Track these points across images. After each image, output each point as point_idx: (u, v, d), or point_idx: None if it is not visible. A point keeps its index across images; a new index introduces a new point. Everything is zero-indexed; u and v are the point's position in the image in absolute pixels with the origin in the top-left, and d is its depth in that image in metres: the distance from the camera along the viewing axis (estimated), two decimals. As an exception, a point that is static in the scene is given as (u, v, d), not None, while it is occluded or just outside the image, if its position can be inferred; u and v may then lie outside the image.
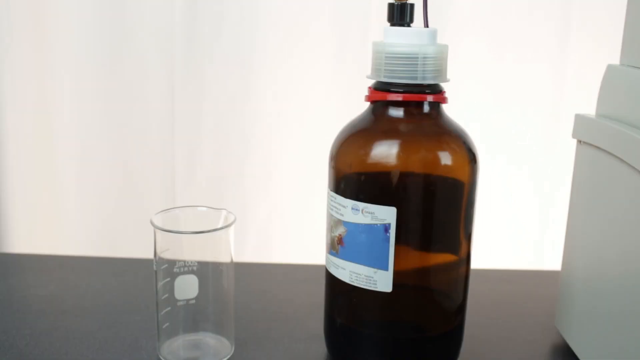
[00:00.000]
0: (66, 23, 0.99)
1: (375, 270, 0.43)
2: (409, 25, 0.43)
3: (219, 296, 0.48)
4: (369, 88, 0.44)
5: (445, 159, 0.44)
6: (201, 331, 0.49)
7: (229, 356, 0.49)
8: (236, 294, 0.49)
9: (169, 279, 0.46)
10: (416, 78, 0.42)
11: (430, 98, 0.43)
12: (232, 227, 0.46)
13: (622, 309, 0.42)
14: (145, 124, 1.03)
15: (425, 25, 0.43)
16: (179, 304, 0.46)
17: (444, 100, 0.44)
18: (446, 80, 0.44)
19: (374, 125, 0.45)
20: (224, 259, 0.47)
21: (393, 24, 0.43)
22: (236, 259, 0.48)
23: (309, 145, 1.00)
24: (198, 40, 1.00)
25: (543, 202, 1.05)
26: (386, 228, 0.42)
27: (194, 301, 0.47)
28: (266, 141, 1.04)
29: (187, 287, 0.46)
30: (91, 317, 0.55)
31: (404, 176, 0.43)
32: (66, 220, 1.08)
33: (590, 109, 0.48)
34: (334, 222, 0.45)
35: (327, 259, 0.47)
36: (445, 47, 0.43)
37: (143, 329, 0.52)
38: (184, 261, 0.46)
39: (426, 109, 0.44)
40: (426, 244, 0.45)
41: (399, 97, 0.43)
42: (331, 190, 0.45)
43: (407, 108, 0.44)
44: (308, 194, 1.00)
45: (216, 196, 1.06)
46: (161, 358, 0.48)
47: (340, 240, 0.44)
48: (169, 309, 0.47)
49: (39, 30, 0.99)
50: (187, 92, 1.02)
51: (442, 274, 0.46)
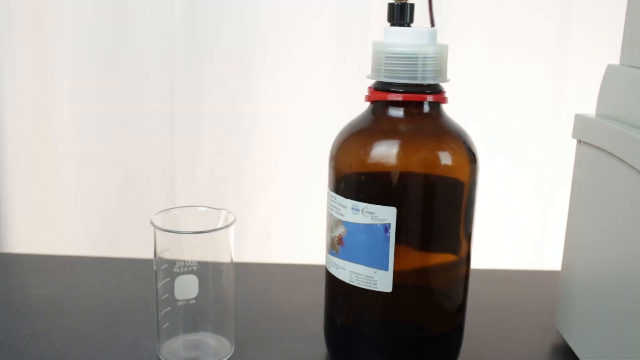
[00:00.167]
0: (66, 23, 0.99)
1: (375, 270, 0.43)
2: (409, 25, 0.43)
3: (219, 296, 0.48)
4: (369, 88, 0.44)
5: (445, 159, 0.44)
6: (201, 331, 0.49)
7: (229, 356, 0.49)
8: (236, 294, 0.49)
9: (169, 279, 0.46)
10: (416, 78, 0.42)
11: (430, 98, 0.43)
12: (232, 227, 0.46)
13: (622, 309, 0.42)
14: (145, 124, 1.03)
15: (432, 25, 0.43)
16: (179, 304, 0.46)
17: (444, 100, 0.44)
18: (446, 80, 0.44)
19: (374, 125, 0.45)
20: (224, 259, 0.47)
21: (393, 24, 0.43)
22: (236, 259, 0.48)
23: (309, 145, 1.00)
24: (198, 40, 1.00)
25: (543, 202, 1.05)
26: (386, 228, 0.42)
27: (194, 301, 0.47)
28: (266, 141, 1.04)
29: (187, 287, 0.46)
30: (91, 317, 0.55)
31: (404, 176, 0.43)
32: (66, 220, 1.08)
33: (590, 109, 0.48)
34: (334, 222, 0.45)
35: (327, 259, 0.47)
36: (445, 47, 0.43)
37: (143, 329, 0.52)
38: (184, 261, 0.46)
39: (426, 109, 0.44)
40: (426, 244, 0.45)
41: (399, 97, 0.43)
42: (331, 190, 0.45)
43: (407, 108, 0.44)
44: (308, 194, 1.00)
45: (216, 196, 1.06)
46: (161, 358, 0.48)
47: (340, 240, 0.44)
48: (169, 309, 0.47)
49: (39, 30, 0.99)
50: (187, 92, 1.02)
51: (442, 274, 0.46)
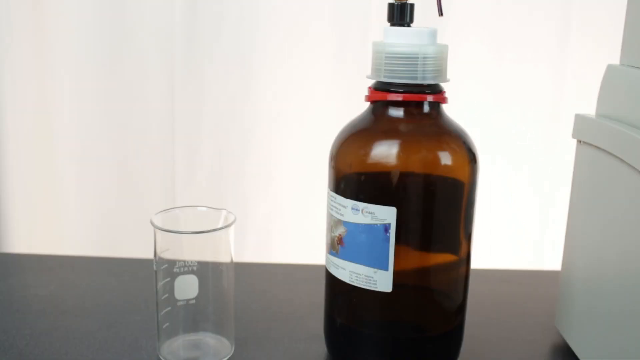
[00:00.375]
0: (66, 23, 1.00)
1: (375, 270, 0.43)
2: (409, 25, 0.43)
3: (219, 296, 0.48)
4: (369, 88, 0.44)
5: (445, 159, 0.44)
6: (201, 331, 0.49)
7: (229, 356, 0.49)
8: (236, 294, 0.49)
9: (169, 279, 0.46)
10: (416, 78, 0.42)
11: (430, 98, 0.43)
12: (232, 227, 0.46)
13: (622, 309, 0.42)
14: (145, 124, 1.04)
15: (440, 14, 0.43)
16: (179, 304, 0.46)
17: (444, 100, 0.44)
18: (446, 80, 0.44)
19: (374, 125, 0.45)
20: (224, 259, 0.47)
21: (393, 24, 0.43)
22: (236, 259, 0.48)
23: (309, 145, 1.00)
24: (198, 40, 1.00)
25: (543, 202, 1.05)
26: (386, 228, 0.42)
27: (194, 301, 0.47)
28: (266, 141, 1.04)
29: (187, 287, 0.46)
30: (91, 317, 0.55)
31: (404, 176, 0.43)
32: (66, 220, 1.08)
33: (590, 109, 0.48)
34: (334, 222, 0.45)
35: (327, 259, 0.47)
36: (445, 47, 0.43)
37: (143, 329, 0.52)
38: (184, 261, 0.46)
39: (426, 109, 0.44)
40: (426, 244, 0.45)
41: (399, 97, 0.43)
42: (331, 190, 0.45)
43: (407, 108, 0.44)
44: (308, 194, 1.00)
45: (216, 196, 1.06)
46: (161, 358, 0.48)
47: (340, 240, 0.44)
48: (169, 309, 0.47)
49: (39, 30, 0.99)
50: (187, 92, 1.02)
51: (442, 274, 0.46)
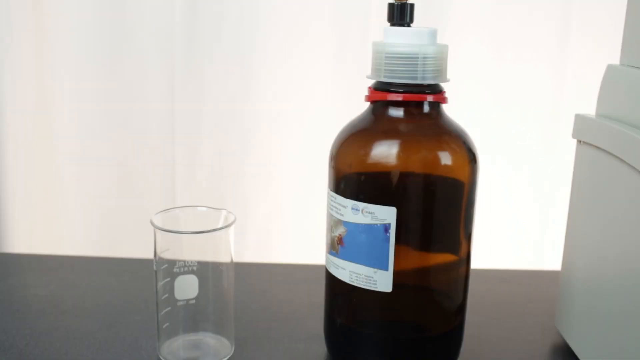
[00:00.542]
0: (66, 23, 1.00)
1: (375, 270, 0.43)
2: (409, 25, 0.43)
3: (219, 296, 0.48)
4: (369, 88, 0.44)
5: (445, 159, 0.44)
6: (201, 331, 0.49)
7: (229, 356, 0.49)
8: (236, 294, 0.49)
9: (169, 279, 0.46)
10: (416, 78, 0.42)
11: (430, 98, 0.43)
12: (232, 227, 0.46)
13: (622, 309, 0.42)
14: (145, 124, 1.04)
15: None
16: (179, 304, 0.46)
17: (444, 100, 0.44)
18: (446, 80, 0.43)
19: (374, 125, 0.45)
20: (224, 259, 0.47)
21: (393, 24, 0.43)
22: (236, 259, 0.48)
23: (309, 145, 1.00)
24: (198, 40, 1.00)
25: (543, 202, 1.05)
26: (386, 228, 0.42)
27: (194, 301, 0.47)
28: (266, 141, 1.04)
29: (187, 287, 0.46)
30: (91, 317, 0.55)
31: (404, 176, 0.43)
32: (66, 220, 1.08)
33: (590, 109, 0.48)
34: (334, 222, 0.45)
35: (327, 259, 0.47)
36: (445, 47, 0.43)
37: (143, 329, 0.52)
38: (184, 261, 0.46)
39: (426, 109, 0.44)
40: (426, 244, 0.45)
41: (399, 97, 0.43)
42: (331, 190, 0.45)
43: (407, 108, 0.44)
44: (308, 194, 1.00)
45: (216, 196, 1.06)
46: (161, 358, 0.48)
47: (340, 240, 0.44)
48: (169, 309, 0.47)
49: (39, 30, 0.99)
50: (187, 92, 1.02)
51: (442, 274, 0.46)
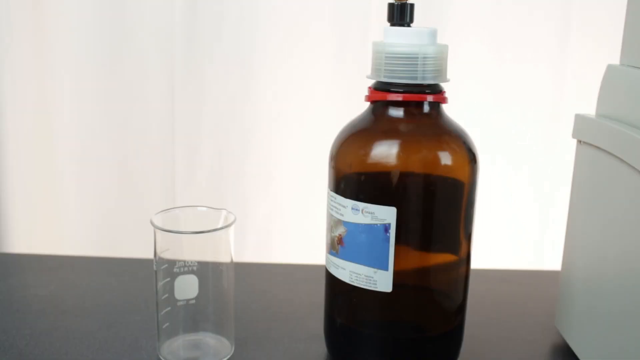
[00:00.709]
0: (66, 23, 1.00)
1: (375, 270, 0.43)
2: (409, 25, 0.43)
3: (219, 296, 0.48)
4: (369, 88, 0.44)
5: (445, 159, 0.44)
6: (201, 331, 0.49)
7: (229, 356, 0.49)
8: (236, 294, 0.49)
9: (169, 279, 0.46)
10: (416, 78, 0.42)
11: (430, 98, 0.43)
12: (232, 227, 0.46)
13: (622, 309, 0.42)
14: (145, 124, 1.04)
15: None
16: (179, 304, 0.46)
17: (444, 100, 0.44)
18: (446, 80, 0.43)
19: (374, 125, 0.45)
20: (224, 259, 0.47)
21: (393, 24, 0.43)
22: (236, 259, 0.48)
23: (309, 145, 1.00)
24: (198, 40, 1.00)
25: (543, 202, 1.05)
26: (386, 228, 0.42)
27: (194, 301, 0.47)
28: (266, 141, 1.04)
29: (187, 287, 0.46)
30: (91, 317, 0.55)
31: (404, 176, 0.43)
32: (66, 220, 1.08)
33: (590, 109, 0.48)
34: (334, 222, 0.45)
35: (327, 259, 0.47)
36: (445, 47, 0.43)
37: (143, 329, 0.52)
38: (184, 261, 0.46)
39: (426, 109, 0.44)
40: (426, 244, 0.45)
41: (399, 97, 0.43)
42: (331, 190, 0.45)
43: (407, 108, 0.44)
44: (308, 194, 1.00)
45: (216, 196, 1.06)
46: (161, 358, 0.48)
47: (340, 240, 0.44)
48: (169, 309, 0.47)
49: (39, 30, 0.99)
50: (187, 92, 1.02)
51: (442, 274, 0.46)
